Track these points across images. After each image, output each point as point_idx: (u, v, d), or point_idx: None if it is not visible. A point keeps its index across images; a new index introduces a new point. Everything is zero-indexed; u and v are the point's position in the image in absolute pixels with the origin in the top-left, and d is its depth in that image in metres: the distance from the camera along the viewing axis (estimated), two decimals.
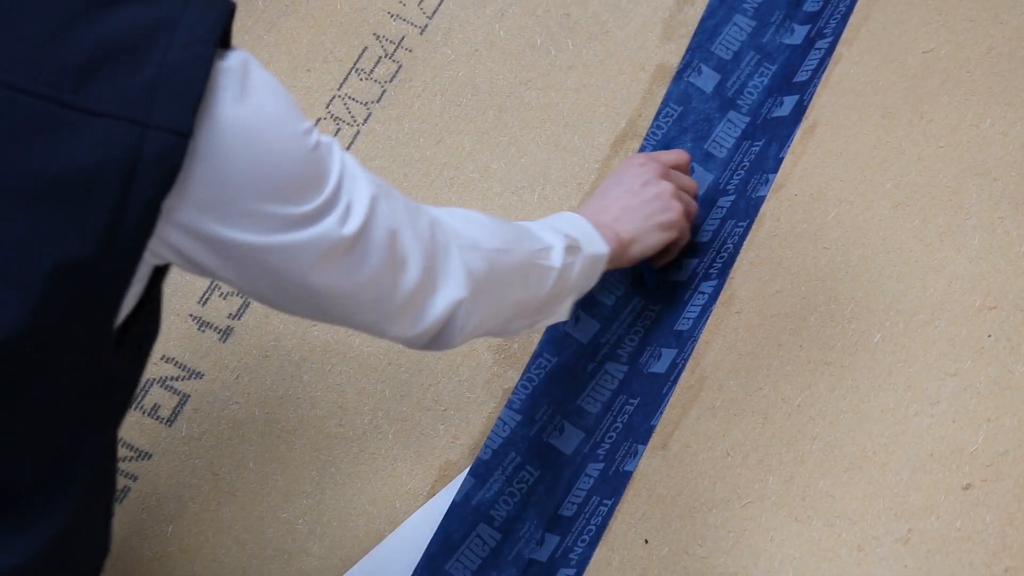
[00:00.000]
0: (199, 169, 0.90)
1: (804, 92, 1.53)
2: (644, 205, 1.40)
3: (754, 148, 1.55)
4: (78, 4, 0.87)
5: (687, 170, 1.50)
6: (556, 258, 1.24)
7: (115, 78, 0.87)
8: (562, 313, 1.30)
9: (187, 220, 0.92)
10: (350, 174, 1.01)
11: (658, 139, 1.59)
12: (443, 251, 1.12)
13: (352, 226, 1.00)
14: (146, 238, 0.89)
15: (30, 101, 0.85)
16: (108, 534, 1.08)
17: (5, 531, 0.92)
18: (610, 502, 1.35)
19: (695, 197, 1.50)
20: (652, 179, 1.42)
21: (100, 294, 0.90)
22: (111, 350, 0.94)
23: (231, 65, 0.92)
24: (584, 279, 1.30)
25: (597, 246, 1.32)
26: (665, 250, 1.45)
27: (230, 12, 0.93)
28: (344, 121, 1.56)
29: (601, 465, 1.41)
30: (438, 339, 1.15)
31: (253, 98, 0.93)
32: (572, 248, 1.27)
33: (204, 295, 1.45)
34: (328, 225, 0.99)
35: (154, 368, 1.41)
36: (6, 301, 0.86)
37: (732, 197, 1.52)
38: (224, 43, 0.93)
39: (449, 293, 1.12)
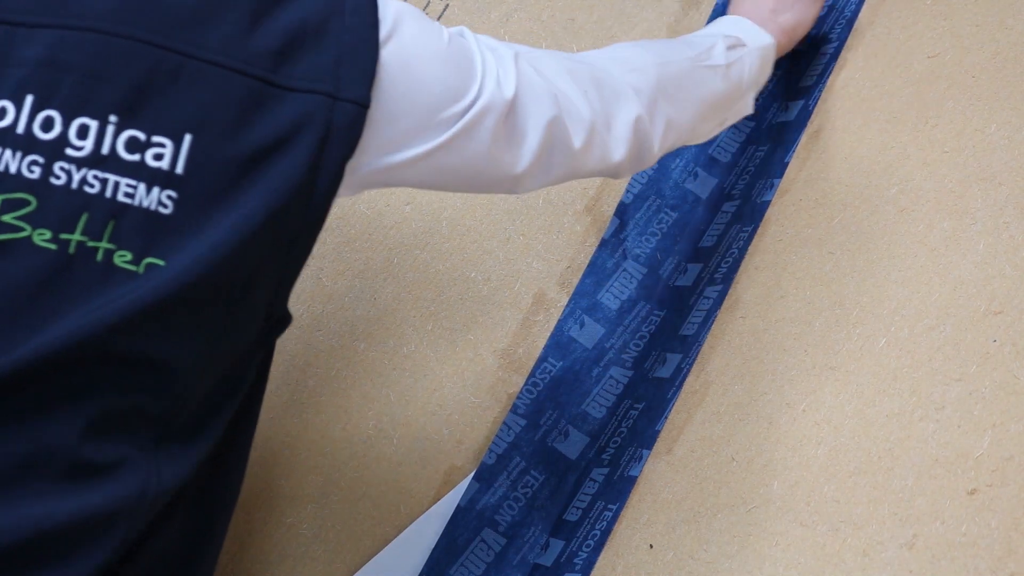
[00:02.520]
0: (375, 123, 1.02)
1: (809, 97, 1.53)
2: None
3: (759, 153, 1.55)
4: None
5: None
6: (719, 56, 1.33)
7: (305, 59, 0.99)
8: (747, 107, 1.40)
9: (372, 165, 1.05)
10: (489, 47, 1.12)
11: None
12: (607, 79, 1.21)
13: (510, 87, 1.10)
14: (332, 195, 1.01)
15: (246, 81, 0.97)
16: (246, 458, 1.13)
17: (180, 448, 1.00)
18: (615, 507, 1.35)
19: None
20: None
21: (292, 244, 1.01)
22: (275, 297, 1.04)
23: (382, 19, 1.04)
24: (758, 72, 1.40)
25: (762, 38, 1.41)
26: None
27: None
28: None
29: (606, 470, 1.41)
30: (641, 155, 1.24)
31: (398, 34, 1.04)
32: (735, 46, 1.36)
33: None
34: (491, 95, 1.08)
35: None
36: (217, 244, 0.96)
37: (737, 202, 1.52)
38: None
39: (626, 114, 1.21)
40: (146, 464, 0.98)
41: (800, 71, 1.58)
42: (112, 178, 0.94)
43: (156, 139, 0.94)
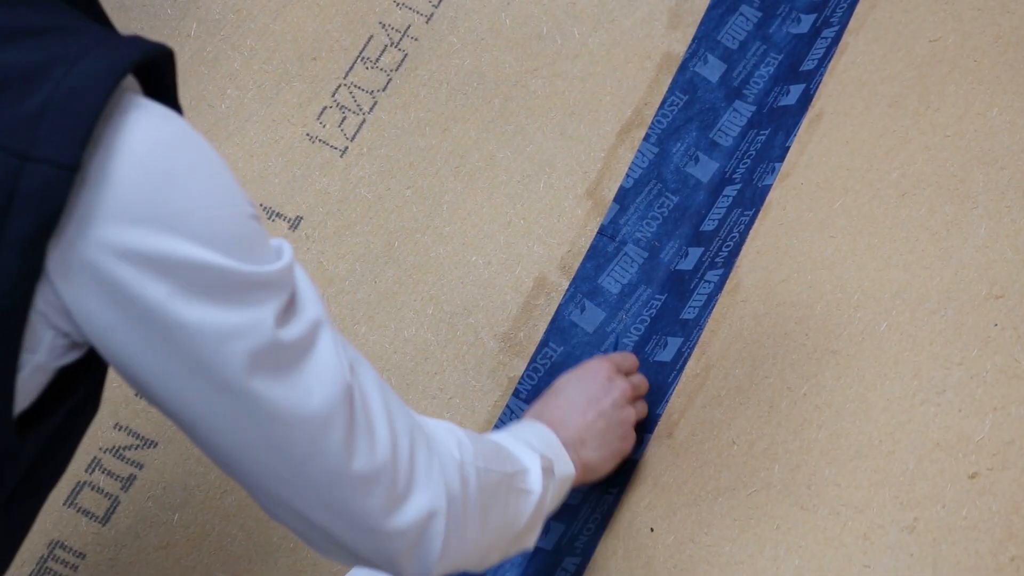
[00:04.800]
0: (100, 205, 0.82)
1: (810, 81, 1.53)
2: (610, 430, 1.31)
3: (760, 137, 1.55)
4: None
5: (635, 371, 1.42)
6: (535, 483, 1.15)
7: None
8: (529, 541, 1.18)
9: (91, 258, 0.83)
10: (301, 278, 0.92)
11: (663, 127, 1.59)
12: (421, 449, 1.00)
13: (292, 332, 0.90)
14: (27, 283, 0.81)
15: None
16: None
17: None
18: (615, 490, 1.35)
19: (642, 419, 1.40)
20: (620, 400, 1.33)
21: None
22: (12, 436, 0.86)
23: (152, 106, 0.86)
24: (554, 504, 1.21)
25: (565, 466, 1.24)
26: None
27: (163, 55, 0.88)
28: (350, 110, 1.56)
29: None
30: (410, 559, 1.00)
31: (180, 143, 0.86)
32: (547, 471, 1.18)
33: None
34: (262, 314, 0.87)
35: None
36: None
37: (738, 186, 1.52)
38: (165, 98, 0.89)
39: (424, 500, 0.99)
40: None
41: (801, 55, 1.58)
42: None
43: None
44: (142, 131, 0.84)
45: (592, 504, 1.37)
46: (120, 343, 0.86)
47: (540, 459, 1.17)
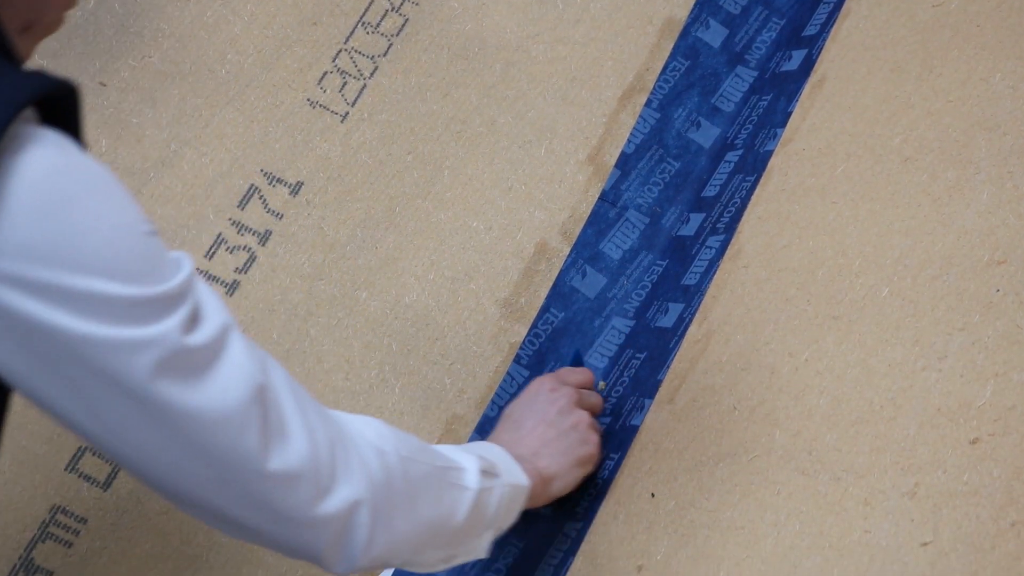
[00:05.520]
0: None
1: (813, 46, 1.52)
2: (562, 437, 1.32)
3: (762, 103, 1.54)
4: None
5: (591, 387, 1.42)
6: (471, 480, 1.14)
7: None
8: (481, 549, 1.19)
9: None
10: (203, 290, 0.93)
11: (665, 93, 1.59)
12: (340, 442, 1.00)
13: (200, 337, 0.91)
14: None
15: None
16: None
17: None
18: (617, 456, 1.36)
19: (598, 415, 1.41)
20: (567, 407, 1.34)
21: None
22: None
23: (47, 136, 0.86)
24: (504, 512, 1.20)
25: (517, 477, 1.23)
26: None
27: (67, 92, 0.89)
28: (350, 75, 1.55)
29: (608, 419, 1.41)
30: (335, 550, 1.01)
31: (72, 171, 0.87)
32: (488, 473, 1.17)
33: (211, 248, 1.45)
34: (166, 327, 0.88)
35: None
36: None
37: (740, 152, 1.52)
38: (71, 129, 0.90)
39: (347, 491, 1.00)
40: None
41: (804, 20, 1.57)
42: None
43: None
44: (35, 162, 0.84)
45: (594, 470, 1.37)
46: (22, 371, 0.87)
47: (478, 460, 1.17)
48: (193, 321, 0.91)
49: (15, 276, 0.83)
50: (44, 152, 0.85)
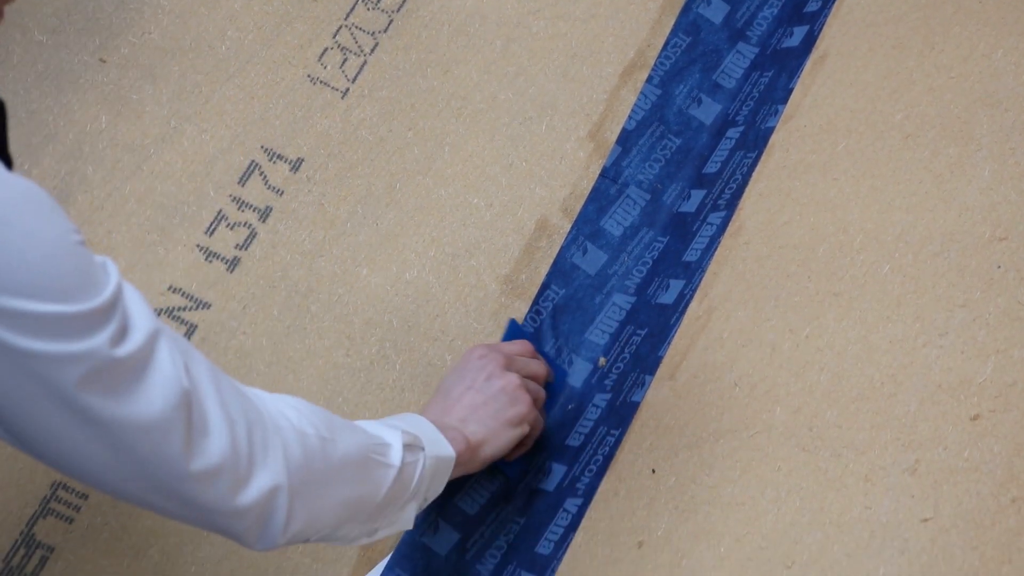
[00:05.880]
0: None
1: (814, 23, 1.52)
2: (490, 401, 1.33)
3: (763, 79, 1.54)
4: None
5: (534, 357, 1.42)
6: (394, 456, 1.16)
7: None
8: (405, 520, 1.21)
9: None
10: (130, 298, 0.94)
11: (666, 69, 1.58)
12: (259, 428, 1.03)
13: (128, 348, 0.92)
14: None
15: None
16: None
17: None
18: (617, 432, 1.36)
19: (546, 383, 1.42)
20: (496, 371, 1.34)
21: None
22: None
23: None
24: (428, 484, 1.22)
25: (442, 447, 1.24)
26: (519, 443, 1.37)
27: None
28: (351, 51, 1.55)
29: (608, 396, 1.41)
30: (254, 532, 1.04)
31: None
32: (412, 447, 1.19)
33: (211, 225, 1.45)
34: (95, 342, 0.90)
35: (161, 298, 1.41)
36: None
37: (741, 128, 1.52)
38: None
39: (265, 478, 1.02)
40: None
41: None
42: None
43: None
44: None
45: (594, 446, 1.38)
46: None
47: (401, 435, 1.18)
48: (122, 333, 0.92)
49: None
50: None
